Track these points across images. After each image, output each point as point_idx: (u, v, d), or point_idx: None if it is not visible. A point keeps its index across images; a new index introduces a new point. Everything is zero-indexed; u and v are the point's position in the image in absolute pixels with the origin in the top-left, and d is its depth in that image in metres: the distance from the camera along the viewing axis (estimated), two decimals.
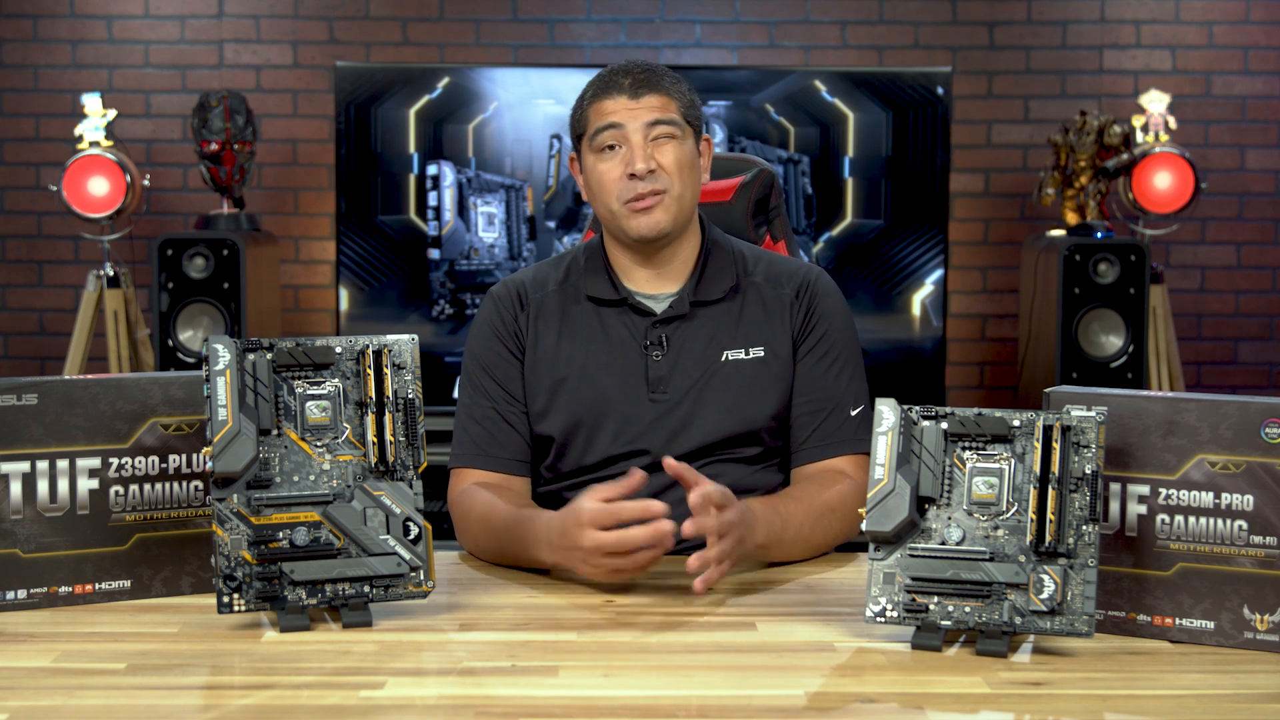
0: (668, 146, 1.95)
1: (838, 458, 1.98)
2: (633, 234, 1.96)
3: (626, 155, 1.94)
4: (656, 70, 1.99)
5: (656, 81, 1.97)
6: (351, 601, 1.59)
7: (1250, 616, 1.51)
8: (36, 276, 4.83)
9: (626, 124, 1.94)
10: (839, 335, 2.02)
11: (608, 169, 1.96)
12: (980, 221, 4.86)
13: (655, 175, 1.94)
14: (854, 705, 1.35)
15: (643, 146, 1.94)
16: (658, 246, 1.99)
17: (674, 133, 1.96)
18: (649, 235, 1.96)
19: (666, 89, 1.97)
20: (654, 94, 1.96)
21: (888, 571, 1.54)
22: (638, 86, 1.96)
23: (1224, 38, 4.82)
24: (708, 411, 1.96)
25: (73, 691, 1.37)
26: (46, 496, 1.66)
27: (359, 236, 4.42)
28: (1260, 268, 4.89)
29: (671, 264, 2.02)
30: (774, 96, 4.45)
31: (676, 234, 1.99)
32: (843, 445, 1.98)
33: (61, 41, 4.75)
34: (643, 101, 1.95)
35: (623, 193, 1.95)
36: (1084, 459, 1.50)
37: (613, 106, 1.96)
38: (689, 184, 1.97)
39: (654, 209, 1.94)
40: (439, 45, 4.76)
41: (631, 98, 1.95)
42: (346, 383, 1.63)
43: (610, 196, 1.96)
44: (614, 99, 1.96)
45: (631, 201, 1.94)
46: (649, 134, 1.94)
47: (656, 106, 1.95)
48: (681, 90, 1.99)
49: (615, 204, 1.96)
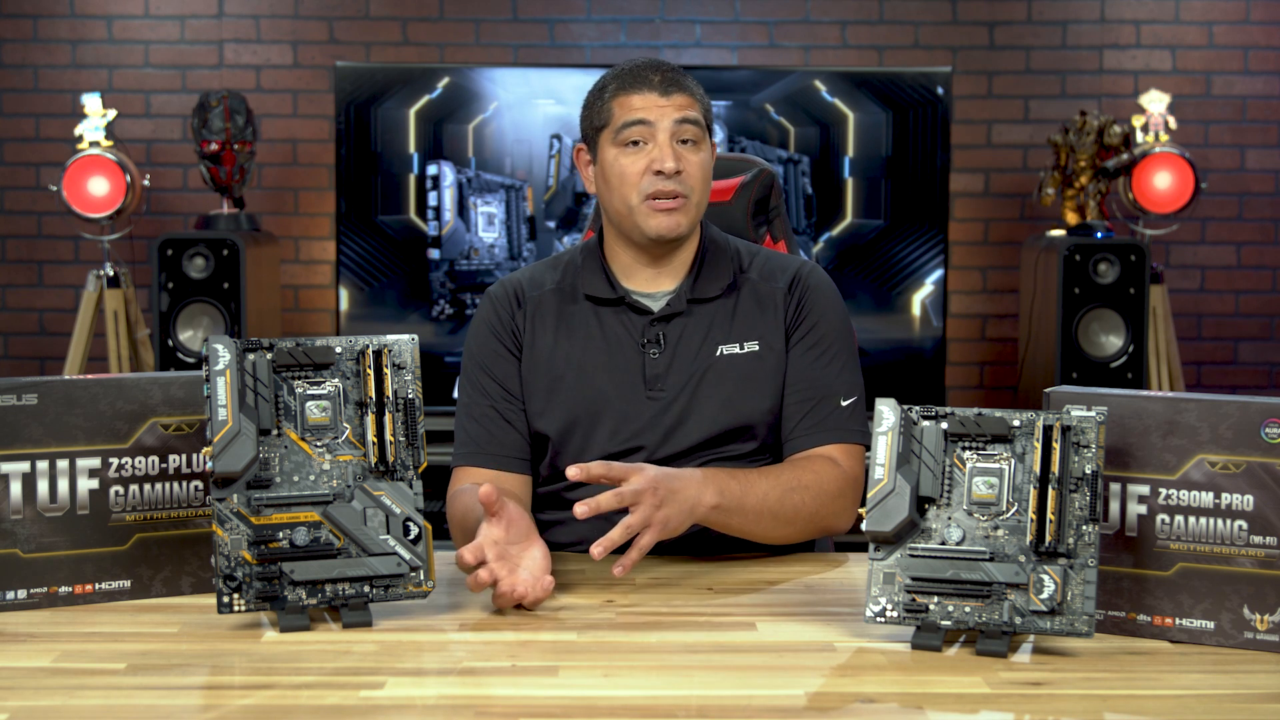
0: (693, 150, 1.96)
1: (827, 445, 1.97)
2: (650, 232, 1.96)
3: (653, 152, 1.94)
4: (680, 70, 2.00)
5: (683, 81, 1.98)
6: (351, 601, 1.59)
7: (1250, 616, 1.51)
8: (36, 276, 4.83)
9: (656, 121, 1.94)
10: (830, 327, 2.02)
11: (631, 163, 1.95)
12: (980, 221, 4.86)
13: (681, 178, 1.94)
14: (854, 705, 1.35)
15: (670, 145, 1.94)
16: (668, 248, 2.00)
17: (699, 135, 1.97)
18: (666, 236, 1.96)
19: (691, 90, 1.98)
20: (682, 93, 1.97)
21: (888, 571, 1.54)
22: (668, 85, 1.96)
23: (1224, 38, 4.82)
24: (703, 407, 1.96)
25: (73, 691, 1.37)
26: (46, 496, 1.66)
27: (359, 236, 4.42)
28: (1260, 268, 4.89)
29: (673, 263, 2.02)
30: (774, 96, 4.45)
31: (686, 239, 2.01)
32: (832, 433, 1.97)
33: (61, 41, 4.75)
34: (673, 100, 1.96)
35: (645, 188, 1.94)
36: (1084, 459, 1.50)
37: (641, 102, 1.96)
38: (706, 191, 1.99)
39: (676, 211, 1.95)
40: (439, 45, 4.76)
41: (662, 95, 1.95)
42: (346, 383, 1.63)
43: (631, 191, 1.95)
44: (643, 94, 1.96)
45: (654, 199, 1.94)
46: (676, 133, 1.95)
47: (685, 105, 1.96)
48: (702, 93, 2.01)
49: (635, 199, 1.95)
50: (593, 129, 2.01)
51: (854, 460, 1.95)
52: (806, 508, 1.88)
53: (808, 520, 1.89)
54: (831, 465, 1.92)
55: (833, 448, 1.97)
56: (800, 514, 1.87)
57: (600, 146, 2.00)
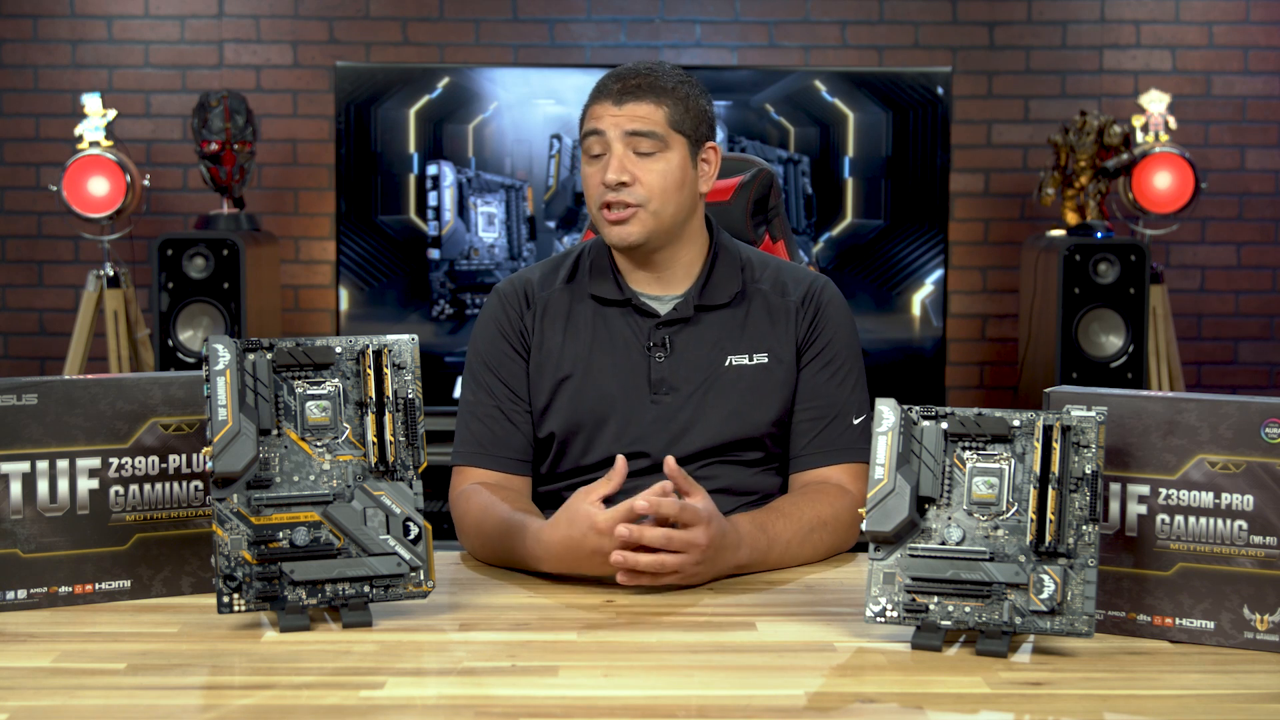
0: (650, 161, 1.93)
1: (837, 466, 1.97)
2: (608, 241, 1.97)
3: (607, 162, 1.94)
4: (654, 74, 1.95)
5: (648, 88, 1.93)
6: (351, 601, 1.59)
7: (1250, 616, 1.51)
8: (36, 276, 4.83)
9: (607, 131, 1.93)
10: (843, 345, 2.02)
11: (591, 174, 1.96)
12: (980, 221, 4.86)
13: (630, 189, 1.92)
14: (854, 705, 1.35)
15: (621, 156, 1.92)
16: (643, 254, 1.98)
17: (655, 146, 1.93)
18: (619, 245, 1.96)
19: (656, 97, 1.93)
20: (640, 102, 1.93)
21: (888, 571, 1.54)
22: (624, 93, 1.93)
23: (1224, 38, 4.82)
24: (710, 415, 1.96)
25: (73, 691, 1.37)
26: (46, 496, 1.66)
27: (359, 236, 4.42)
28: (1260, 268, 4.89)
29: (672, 268, 2.01)
30: (774, 96, 4.45)
31: (656, 245, 1.97)
32: (843, 453, 1.97)
33: (61, 41, 4.75)
34: (625, 110, 1.93)
35: (598, 199, 1.94)
36: (1084, 459, 1.50)
37: (598, 112, 1.95)
38: (670, 200, 1.94)
39: (625, 222, 1.93)
40: (439, 45, 4.76)
41: (615, 104, 1.93)
42: (346, 383, 1.62)
43: (591, 202, 1.97)
44: (601, 104, 1.95)
45: (604, 209, 1.94)
46: (629, 143, 1.93)
47: (639, 116, 1.92)
48: (679, 96, 1.95)
49: (595, 209, 1.96)
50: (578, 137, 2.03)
51: (863, 482, 1.95)
52: (825, 544, 1.89)
53: (825, 553, 1.91)
54: (846, 496, 1.92)
55: (843, 469, 1.97)
56: (818, 551, 1.89)
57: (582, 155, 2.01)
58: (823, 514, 1.88)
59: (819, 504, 1.89)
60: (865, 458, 1.95)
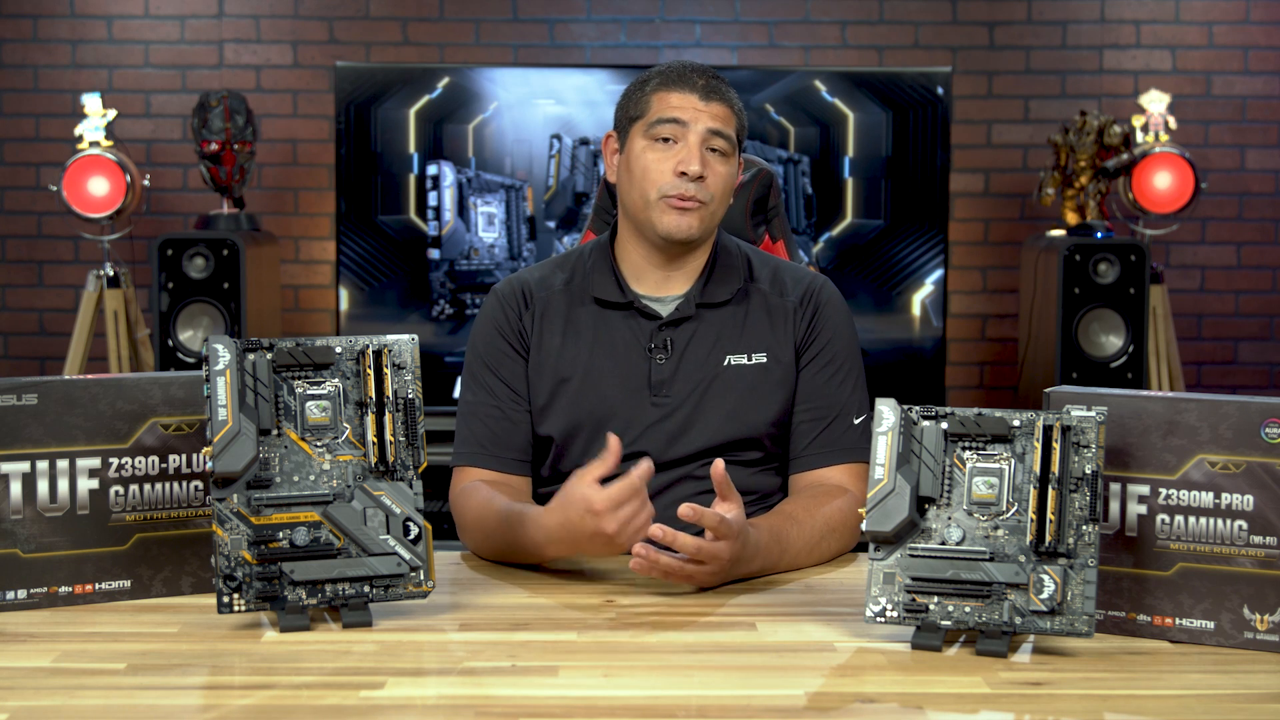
0: (719, 162, 1.95)
1: (837, 466, 1.97)
2: (660, 230, 1.95)
3: (681, 153, 1.94)
4: (723, 80, 1.99)
5: (725, 91, 1.97)
6: (351, 601, 1.59)
7: (1250, 616, 1.51)
8: (36, 276, 4.83)
9: (690, 123, 1.94)
10: (842, 345, 2.02)
11: (656, 159, 1.95)
12: (980, 221, 4.86)
13: (703, 184, 1.94)
14: (854, 705, 1.35)
15: (698, 150, 1.93)
16: (679, 250, 1.99)
17: (727, 148, 1.96)
18: (676, 236, 1.95)
19: (731, 102, 1.98)
20: (722, 103, 1.96)
21: (888, 571, 1.54)
22: (710, 91, 1.96)
23: (1224, 38, 4.82)
24: (708, 416, 1.96)
25: (73, 691, 1.37)
26: (46, 496, 1.66)
27: (359, 236, 4.42)
28: (1260, 268, 4.89)
29: (684, 267, 2.01)
30: (774, 96, 4.45)
31: (696, 245, 2.00)
32: (844, 454, 1.98)
33: (61, 41, 4.75)
34: (711, 107, 1.95)
35: (666, 187, 1.94)
36: (1084, 459, 1.50)
37: (680, 101, 1.95)
38: (724, 204, 1.99)
39: (690, 213, 1.94)
40: (439, 45, 4.76)
41: (703, 99, 1.95)
42: (346, 383, 1.62)
43: (651, 187, 1.95)
44: (683, 94, 1.95)
45: (672, 198, 1.94)
46: (707, 140, 1.94)
47: (721, 116, 1.96)
48: (740, 108, 2.00)
49: (654, 195, 1.95)
50: (627, 118, 2.01)
51: (864, 482, 1.95)
52: (832, 550, 1.90)
53: (831, 557, 1.91)
54: (848, 498, 1.92)
55: (843, 470, 1.97)
56: (825, 556, 1.90)
57: (630, 137, 1.99)
58: (833, 520, 1.89)
59: (828, 509, 1.90)
60: (865, 458, 1.95)
